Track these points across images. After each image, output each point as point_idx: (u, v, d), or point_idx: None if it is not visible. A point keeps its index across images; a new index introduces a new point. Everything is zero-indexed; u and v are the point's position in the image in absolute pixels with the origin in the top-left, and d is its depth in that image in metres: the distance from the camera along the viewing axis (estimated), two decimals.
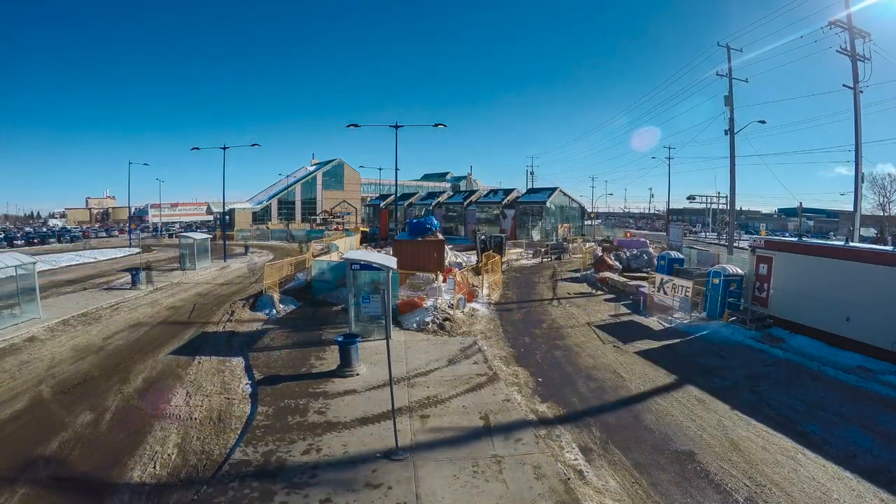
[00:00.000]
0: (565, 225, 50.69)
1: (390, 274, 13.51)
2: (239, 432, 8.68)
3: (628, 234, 49.31)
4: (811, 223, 68.90)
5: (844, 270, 13.34)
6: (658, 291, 19.38)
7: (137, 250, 44.37)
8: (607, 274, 25.91)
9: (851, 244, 15.15)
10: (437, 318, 16.11)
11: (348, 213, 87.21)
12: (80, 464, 7.71)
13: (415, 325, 15.66)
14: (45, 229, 76.10)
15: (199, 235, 32.91)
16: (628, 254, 29.30)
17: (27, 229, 79.11)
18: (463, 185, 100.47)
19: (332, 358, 12.43)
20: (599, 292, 23.33)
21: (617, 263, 27.82)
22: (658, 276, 20.42)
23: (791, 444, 8.35)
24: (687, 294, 17.94)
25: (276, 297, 19.53)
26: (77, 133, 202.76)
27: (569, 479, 7.13)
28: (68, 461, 7.77)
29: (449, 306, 17.38)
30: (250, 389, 10.79)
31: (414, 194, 74.94)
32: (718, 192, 64.46)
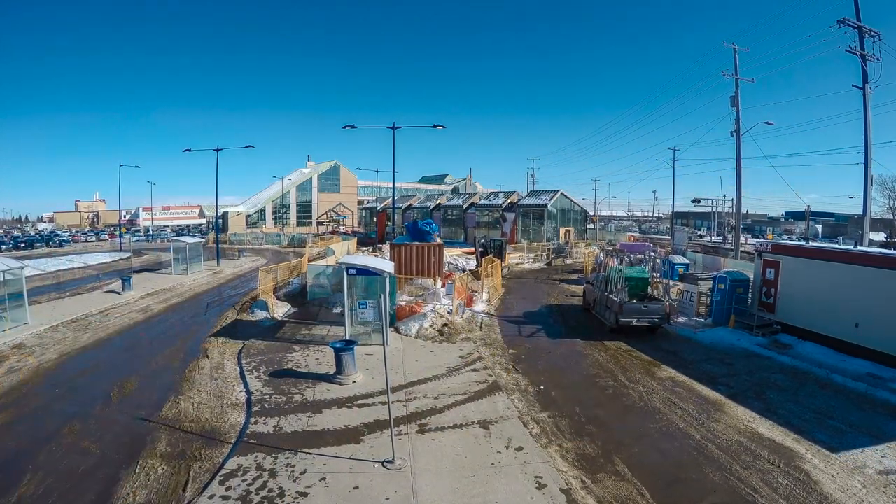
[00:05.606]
0: (567, 228, 50.42)
1: (388, 279, 13.16)
2: (233, 442, 8.41)
3: (632, 238, 49.14)
4: (819, 227, 68.75)
5: (853, 275, 13.06)
6: (662, 297, 19.06)
7: (128, 255, 43.91)
8: None
9: (861, 248, 14.89)
10: (436, 324, 15.80)
11: (345, 217, 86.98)
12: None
13: (413, 330, 15.32)
14: (33, 233, 75.24)
15: (191, 239, 32.52)
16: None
17: (15, 233, 78.20)
18: (462, 188, 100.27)
19: (327, 364, 12.12)
20: None
21: None
22: (662, 281, 20.13)
23: (799, 450, 8.13)
24: (692, 299, 17.68)
25: (272, 301, 19.19)
26: (66, 134, 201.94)
27: (570, 489, 6.94)
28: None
29: (448, 312, 17.06)
30: (245, 396, 10.53)
31: (412, 196, 74.62)
32: (724, 195, 64.32)
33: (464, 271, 26.82)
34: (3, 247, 52.99)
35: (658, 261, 27.64)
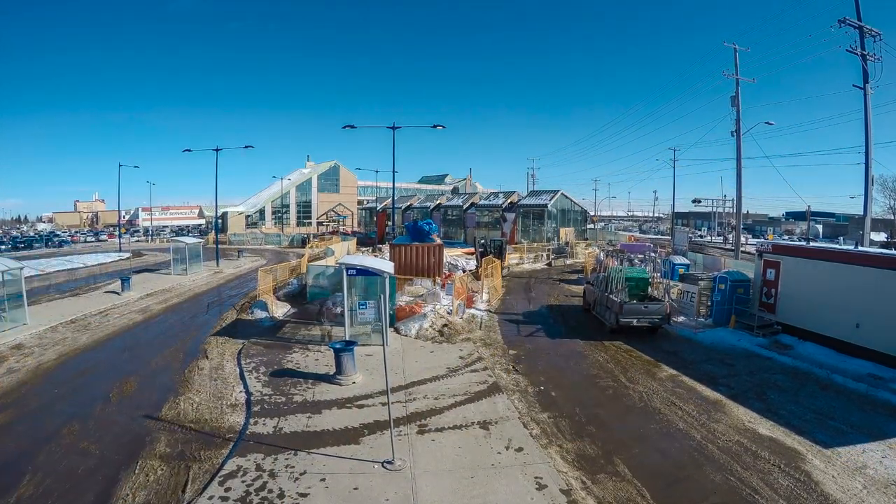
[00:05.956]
0: (567, 229, 50.32)
1: (387, 279, 13.14)
2: (232, 443, 8.40)
3: (632, 238, 49.10)
4: (820, 227, 68.59)
5: (854, 275, 13.04)
6: (663, 297, 19.06)
7: (128, 255, 43.89)
8: None
9: (861, 248, 14.87)
10: (436, 325, 15.77)
11: (344, 217, 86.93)
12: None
13: (413, 331, 15.29)
14: (32, 234, 75.08)
15: (191, 240, 32.52)
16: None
17: (14, 234, 78.12)
18: (462, 188, 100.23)
19: (327, 364, 12.09)
20: None
21: None
22: (662, 281, 20.10)
23: (800, 451, 8.12)
24: (692, 299, 17.65)
25: (271, 301, 19.16)
26: (66, 134, 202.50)
27: (570, 489, 6.92)
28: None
29: (448, 312, 17.04)
30: (244, 397, 10.51)
31: (412, 197, 74.58)
32: (724, 195, 64.13)
33: (464, 271, 26.81)
34: (3, 247, 52.92)
35: (658, 261, 27.63)
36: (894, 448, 8.24)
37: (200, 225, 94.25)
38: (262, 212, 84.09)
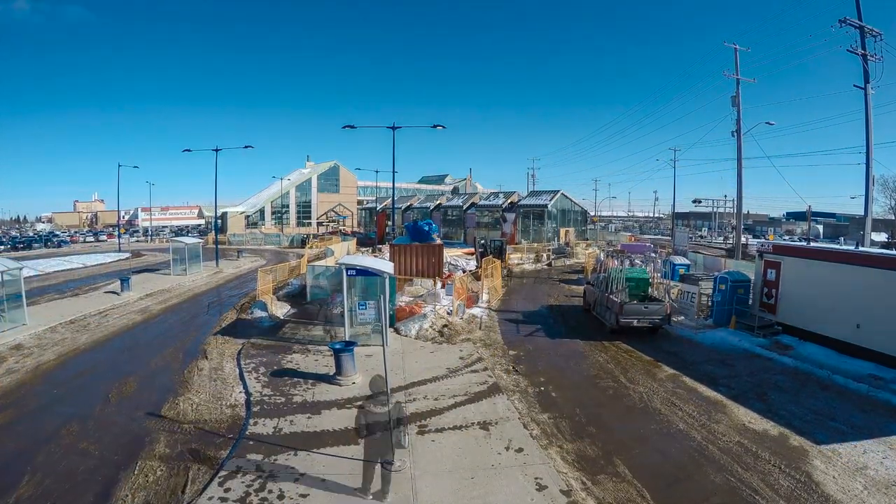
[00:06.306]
0: (567, 229, 50.30)
1: (387, 280, 13.12)
2: (232, 443, 8.37)
3: (632, 239, 49.11)
4: (820, 227, 68.53)
5: (855, 276, 13.03)
6: (663, 297, 19.04)
7: (127, 255, 43.87)
8: None
9: (862, 249, 14.85)
10: (436, 325, 15.75)
11: (344, 217, 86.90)
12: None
13: (413, 331, 15.27)
14: (31, 234, 74.97)
15: (190, 240, 32.49)
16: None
17: (13, 234, 78.02)
18: (462, 188, 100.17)
19: (327, 365, 12.07)
20: None
21: None
22: (663, 282, 20.10)
23: (800, 452, 8.08)
24: (693, 300, 17.63)
25: (271, 302, 19.14)
26: (65, 134, 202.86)
27: (571, 490, 6.91)
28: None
29: (448, 312, 17.03)
30: (244, 397, 10.49)
31: (412, 197, 74.59)
32: (725, 196, 64.21)
33: (464, 272, 26.80)
34: (2, 247, 52.84)
35: (659, 261, 27.62)
36: (895, 448, 8.22)
37: (200, 225, 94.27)
38: (261, 212, 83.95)
